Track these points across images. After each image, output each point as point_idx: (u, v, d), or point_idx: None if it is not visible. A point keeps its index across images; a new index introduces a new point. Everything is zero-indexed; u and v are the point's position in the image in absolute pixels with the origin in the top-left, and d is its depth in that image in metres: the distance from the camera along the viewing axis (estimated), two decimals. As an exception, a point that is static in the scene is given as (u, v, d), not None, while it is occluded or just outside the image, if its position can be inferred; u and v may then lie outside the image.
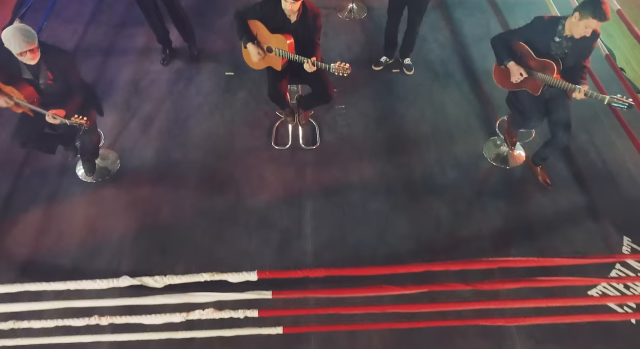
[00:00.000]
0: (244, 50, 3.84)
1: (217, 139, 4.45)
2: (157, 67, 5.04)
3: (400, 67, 5.06)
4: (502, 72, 3.71)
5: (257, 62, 3.79)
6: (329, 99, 3.90)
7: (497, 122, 4.44)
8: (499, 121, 4.43)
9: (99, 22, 5.49)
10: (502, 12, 5.68)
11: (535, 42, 3.46)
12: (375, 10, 5.71)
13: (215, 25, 5.52)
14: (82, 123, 3.19)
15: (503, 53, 3.58)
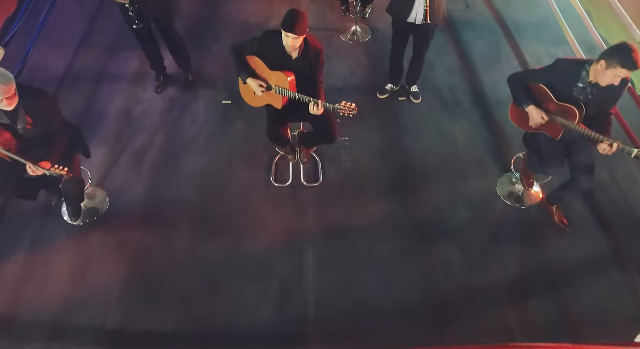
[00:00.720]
0: (242, 87, 3.58)
1: (213, 175, 4.17)
2: (150, 95, 4.77)
3: (407, 95, 4.80)
4: (519, 113, 3.44)
5: (256, 100, 3.52)
6: (333, 139, 3.63)
7: (512, 160, 4.16)
8: (515, 158, 4.15)
9: (90, 45, 5.23)
10: (513, 33, 5.41)
11: (556, 86, 3.18)
12: (379, 33, 5.44)
13: (212, 49, 5.25)
14: (64, 174, 2.92)
15: (522, 95, 3.31)
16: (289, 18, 3.14)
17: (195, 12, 5.64)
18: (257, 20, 5.59)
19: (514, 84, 3.37)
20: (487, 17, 5.59)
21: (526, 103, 3.28)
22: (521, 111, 3.39)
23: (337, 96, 4.80)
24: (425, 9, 3.76)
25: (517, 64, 5.09)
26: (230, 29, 5.47)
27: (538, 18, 5.57)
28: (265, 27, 5.50)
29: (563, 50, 5.20)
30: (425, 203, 4.01)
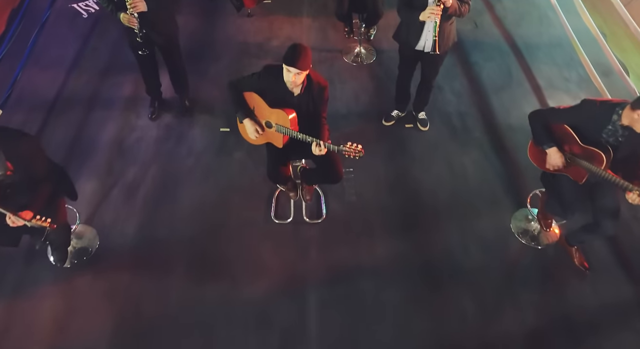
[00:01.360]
0: (240, 125, 3.34)
1: (209, 210, 3.94)
2: (144, 122, 4.54)
3: (414, 121, 4.56)
4: (540, 153, 3.20)
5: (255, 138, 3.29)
6: (337, 180, 3.39)
7: (528, 197, 3.91)
8: (531, 195, 3.90)
9: (82, 68, 4.99)
10: (523, 55, 5.18)
11: (582, 127, 2.93)
12: (384, 53, 5.21)
13: (210, 71, 5.02)
14: (46, 226, 2.68)
15: (543, 135, 3.07)
16: (291, 52, 2.91)
17: (193, 31, 5.41)
18: (256, 39, 5.37)
19: (535, 123, 3.13)
20: (497, 37, 5.36)
21: (547, 144, 3.04)
22: (541, 151, 3.15)
23: (341, 122, 4.57)
24: (435, 38, 3.53)
25: (529, 87, 4.86)
26: (229, 50, 5.24)
27: (550, 38, 5.34)
28: (266, 47, 5.28)
29: (577, 72, 4.97)
30: (435, 242, 3.77)
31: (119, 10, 3.67)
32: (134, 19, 3.64)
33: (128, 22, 3.67)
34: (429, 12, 3.40)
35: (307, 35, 5.41)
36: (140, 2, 3.59)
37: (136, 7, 3.59)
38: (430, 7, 3.40)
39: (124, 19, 3.67)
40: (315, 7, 5.71)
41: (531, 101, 4.73)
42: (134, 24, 3.67)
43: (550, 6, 5.62)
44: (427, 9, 3.42)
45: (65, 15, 5.50)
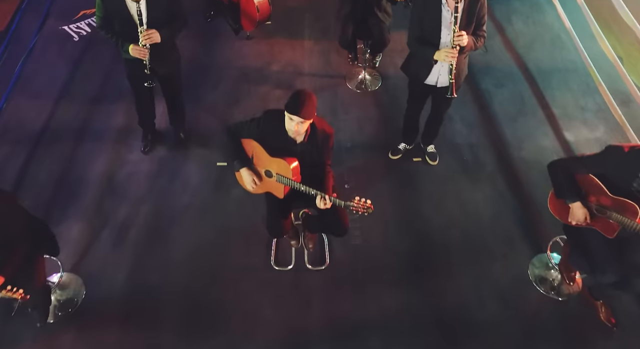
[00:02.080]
0: (237, 173, 3.08)
1: (205, 255, 3.67)
2: (136, 156, 4.28)
3: (423, 155, 4.30)
4: (561, 204, 2.94)
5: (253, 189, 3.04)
6: (343, 233, 3.13)
7: (548, 244, 3.63)
8: (551, 242, 3.63)
9: (72, 96, 4.72)
10: (536, 81, 4.92)
11: (610, 176, 2.68)
12: (390, 80, 4.95)
13: (207, 99, 4.76)
14: (17, 298, 2.42)
15: (565, 187, 2.81)
16: (294, 99, 2.66)
17: (189, 54, 5.13)
18: (256, 64, 5.11)
19: (555, 174, 2.87)
20: (508, 62, 5.10)
21: (570, 198, 2.78)
22: (564, 203, 2.89)
23: (345, 155, 4.31)
24: (451, 81, 3.28)
25: (543, 116, 4.60)
26: (227, 75, 4.98)
27: (564, 63, 5.08)
28: (265, 72, 5.03)
29: (593, 100, 4.71)
30: (448, 291, 3.50)
31: (126, 40, 3.42)
32: (145, 51, 3.39)
33: (139, 54, 3.41)
34: (444, 54, 3.14)
35: (308, 60, 5.16)
36: (155, 33, 3.35)
37: (151, 38, 3.35)
38: (446, 49, 3.14)
39: (133, 51, 3.41)
40: (316, 29, 5.46)
41: (546, 132, 4.46)
42: (145, 56, 3.41)
43: (563, 28, 5.36)
44: (442, 50, 3.17)
45: (54, 38, 5.25)
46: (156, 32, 3.33)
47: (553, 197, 3.00)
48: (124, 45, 3.40)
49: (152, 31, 3.32)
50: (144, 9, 3.30)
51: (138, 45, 3.36)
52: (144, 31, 3.29)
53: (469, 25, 3.20)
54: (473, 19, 3.19)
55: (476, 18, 3.20)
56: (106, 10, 3.36)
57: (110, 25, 3.44)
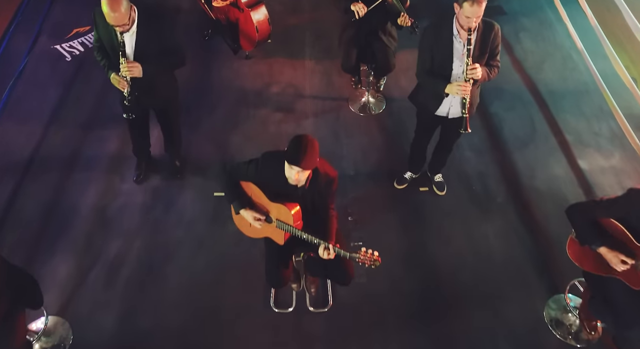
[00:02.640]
0: (236, 215, 2.88)
1: (200, 295, 3.47)
2: (129, 186, 4.07)
3: (430, 184, 4.10)
4: (582, 250, 2.73)
5: (252, 231, 2.83)
6: (348, 282, 2.92)
7: (566, 287, 3.40)
8: (569, 285, 3.41)
9: (63, 120, 4.52)
10: (547, 104, 4.72)
11: (635, 222, 2.47)
12: (394, 102, 4.75)
13: (204, 123, 4.56)
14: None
15: (588, 232, 2.59)
16: (294, 148, 2.45)
17: (185, 75, 4.90)
18: (255, 85, 4.91)
19: (575, 219, 2.66)
20: (517, 83, 4.90)
21: (595, 243, 2.57)
22: (586, 248, 2.68)
23: (348, 184, 4.11)
24: (464, 116, 3.08)
25: (555, 143, 4.40)
26: (225, 97, 4.78)
27: (575, 84, 4.89)
28: (265, 94, 4.83)
29: (608, 125, 4.51)
30: (458, 335, 3.29)
31: (111, 68, 3.24)
32: (124, 83, 3.20)
33: (117, 84, 3.23)
34: (456, 88, 2.95)
35: (309, 80, 4.96)
36: (136, 67, 3.15)
37: (131, 71, 3.15)
38: (458, 83, 2.95)
39: (113, 81, 3.23)
40: (318, 48, 5.26)
41: (559, 160, 4.26)
42: (124, 87, 3.22)
43: (574, 47, 5.17)
44: (454, 84, 2.97)
45: (46, 58, 5.05)
46: (138, 66, 3.13)
47: (573, 243, 2.79)
48: (109, 72, 3.22)
49: (134, 65, 3.12)
50: (130, 40, 3.11)
51: (118, 75, 3.17)
52: (125, 63, 3.10)
53: (482, 56, 3.00)
54: (486, 50, 3.00)
55: (490, 48, 3.00)
56: (99, 33, 3.18)
57: (104, 50, 3.25)
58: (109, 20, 2.90)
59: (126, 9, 2.91)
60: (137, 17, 3.06)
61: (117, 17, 2.88)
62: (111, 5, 2.84)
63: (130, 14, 2.97)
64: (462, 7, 2.80)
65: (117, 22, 2.91)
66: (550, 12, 5.60)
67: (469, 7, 2.77)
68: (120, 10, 2.87)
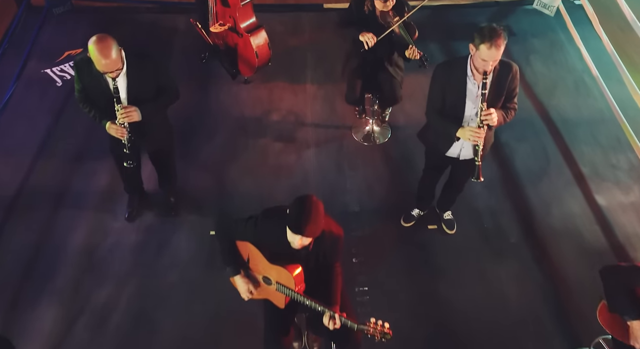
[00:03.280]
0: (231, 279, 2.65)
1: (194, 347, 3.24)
2: (120, 224, 3.85)
3: (438, 222, 3.87)
4: (613, 317, 2.50)
5: (250, 294, 2.61)
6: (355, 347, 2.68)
7: (590, 345, 3.16)
8: (594, 343, 3.16)
9: (52, 152, 4.29)
10: (561, 133, 4.49)
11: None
12: (399, 130, 4.53)
13: (200, 154, 4.34)
14: None
15: (623, 302, 2.38)
16: (297, 215, 2.18)
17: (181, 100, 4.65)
18: (254, 112, 4.69)
19: (610, 283, 2.44)
20: (528, 110, 4.67)
21: (630, 314, 2.35)
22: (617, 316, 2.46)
23: (352, 221, 3.89)
24: (477, 164, 2.86)
25: (570, 176, 4.17)
26: (222, 125, 4.56)
27: (589, 111, 4.67)
28: (265, 121, 4.61)
29: (626, 157, 4.29)
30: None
31: (103, 117, 3.01)
32: (124, 130, 2.98)
33: (115, 133, 3.01)
34: (469, 134, 2.73)
35: (311, 107, 4.74)
36: (134, 111, 2.94)
37: (129, 117, 2.94)
38: (472, 128, 2.73)
39: (110, 130, 3.01)
40: (319, 71, 5.04)
41: (575, 195, 4.04)
42: (124, 135, 3.01)
43: (588, 70, 4.95)
44: (466, 129, 2.75)
45: (35, 84, 4.83)
46: (135, 111, 2.93)
47: (605, 311, 2.56)
48: (103, 122, 2.99)
49: (131, 109, 2.91)
50: (123, 85, 2.90)
51: (115, 123, 2.95)
52: (122, 109, 2.88)
53: (498, 98, 2.78)
54: (503, 92, 2.78)
55: (507, 91, 2.78)
56: (83, 83, 2.96)
57: (89, 99, 3.03)
58: (100, 68, 2.69)
59: (117, 53, 2.70)
60: (125, 58, 2.84)
61: (109, 63, 2.67)
62: (102, 51, 2.63)
63: (120, 56, 2.76)
64: (479, 49, 2.58)
65: (110, 68, 2.70)
66: (561, 33, 5.39)
67: (486, 50, 2.55)
68: (111, 55, 2.65)
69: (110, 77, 2.78)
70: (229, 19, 4.34)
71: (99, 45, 2.63)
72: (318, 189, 4.08)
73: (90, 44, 2.65)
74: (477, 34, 2.60)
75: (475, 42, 2.61)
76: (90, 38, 2.69)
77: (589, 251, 3.69)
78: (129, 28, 5.40)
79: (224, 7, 4.28)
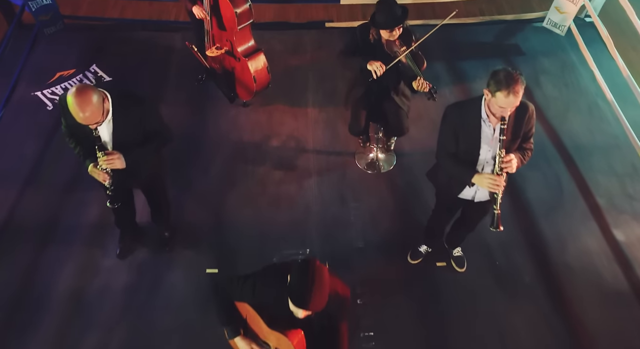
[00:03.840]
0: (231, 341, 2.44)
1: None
2: (111, 262, 3.63)
3: (448, 258, 3.67)
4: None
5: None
6: None
7: None
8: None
9: (40, 181, 4.07)
10: (574, 160, 4.29)
11: None
12: (405, 157, 4.32)
13: (196, 184, 4.13)
14: None
15: None
16: (299, 286, 1.98)
17: (176, 125, 4.48)
18: (253, 137, 4.48)
19: None
20: (540, 135, 4.44)
21: None
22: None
23: (356, 258, 3.69)
24: (496, 213, 2.66)
25: (586, 207, 3.96)
26: (220, 151, 4.34)
27: (604, 137, 4.46)
28: (264, 148, 4.40)
29: (644, 188, 4.09)
30: None
31: (88, 157, 2.80)
32: (106, 176, 2.77)
33: (97, 177, 2.80)
34: (487, 182, 2.53)
35: (312, 131, 4.53)
36: (117, 159, 2.73)
37: (112, 164, 2.73)
38: (489, 176, 2.52)
39: (93, 173, 2.78)
40: (321, 93, 4.84)
41: (591, 229, 3.83)
42: (105, 180, 2.80)
43: (601, 93, 4.74)
44: (484, 177, 2.54)
45: (25, 108, 4.61)
46: (119, 158, 2.71)
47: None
48: (86, 162, 2.79)
49: (114, 156, 2.70)
50: (108, 131, 2.70)
51: (97, 168, 2.74)
52: (104, 156, 2.68)
53: (514, 140, 2.58)
54: (519, 134, 2.58)
55: (523, 132, 2.58)
56: (67, 122, 2.75)
57: (76, 135, 2.83)
58: (79, 121, 2.49)
59: (98, 103, 2.49)
60: (111, 104, 2.63)
61: (89, 116, 2.47)
62: (81, 105, 2.42)
63: (103, 106, 2.55)
64: (495, 96, 2.37)
65: (89, 121, 2.50)
66: (572, 53, 5.18)
67: (504, 98, 2.34)
68: (91, 108, 2.45)
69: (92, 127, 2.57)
70: (226, 43, 4.13)
71: (77, 98, 2.41)
72: (320, 223, 3.88)
73: (69, 96, 2.44)
74: (493, 81, 2.39)
75: (491, 88, 2.40)
76: (70, 89, 2.48)
77: (608, 292, 3.48)
78: (123, 47, 5.21)
79: (221, 31, 4.08)
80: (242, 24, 3.96)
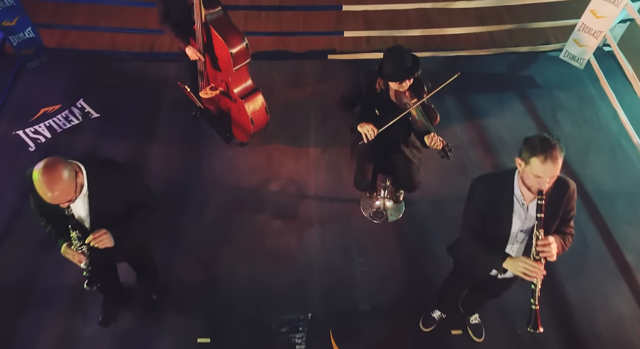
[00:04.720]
0: None
1: None
2: (92, 330, 3.29)
3: (464, 326, 3.33)
4: None
5: None
6: None
7: None
8: None
9: (17, 235, 3.74)
10: (598, 210, 3.95)
11: None
12: (414, 205, 3.99)
13: (188, 237, 3.79)
14: None
15: None
16: None
17: (166, 168, 4.18)
18: (251, 182, 4.14)
19: None
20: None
21: None
22: None
23: (362, 324, 3.36)
24: (535, 308, 2.32)
25: (613, 264, 3.63)
26: (214, 199, 4.01)
27: (629, 182, 4.12)
28: (262, 194, 4.07)
29: (675, 242, 3.76)
30: None
31: (62, 236, 2.47)
32: (82, 256, 2.44)
33: (72, 259, 2.45)
34: (522, 268, 2.16)
35: (314, 175, 4.20)
36: (104, 237, 2.40)
37: (101, 243, 2.41)
38: (526, 261, 2.16)
39: (66, 254, 2.45)
40: (324, 131, 4.51)
41: (620, 292, 3.49)
42: (82, 261, 2.45)
43: (624, 131, 4.42)
44: (519, 261, 2.18)
45: (5, 149, 4.30)
46: (106, 235, 2.39)
47: None
48: (59, 241, 2.46)
49: (100, 235, 2.38)
50: (83, 204, 2.37)
51: (71, 248, 2.41)
52: (90, 235, 2.36)
53: (552, 221, 2.25)
54: (558, 214, 2.25)
55: (563, 212, 2.25)
56: (36, 199, 2.42)
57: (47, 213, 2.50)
58: (48, 201, 2.16)
59: (69, 180, 2.17)
60: (86, 177, 2.31)
61: (59, 196, 2.16)
62: (48, 184, 2.11)
63: (76, 182, 2.22)
64: (529, 164, 2.06)
65: (59, 201, 2.19)
66: (591, 86, 4.86)
67: (540, 165, 2.03)
68: (61, 186, 2.14)
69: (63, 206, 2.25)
70: (221, 83, 3.81)
71: (45, 176, 2.10)
72: (323, 282, 3.56)
73: (35, 172, 2.12)
74: (526, 147, 2.08)
75: (524, 155, 2.09)
76: (38, 163, 2.16)
77: (643, 367, 3.16)
78: (112, 79, 4.89)
79: (216, 71, 3.76)
80: (238, 65, 3.63)
